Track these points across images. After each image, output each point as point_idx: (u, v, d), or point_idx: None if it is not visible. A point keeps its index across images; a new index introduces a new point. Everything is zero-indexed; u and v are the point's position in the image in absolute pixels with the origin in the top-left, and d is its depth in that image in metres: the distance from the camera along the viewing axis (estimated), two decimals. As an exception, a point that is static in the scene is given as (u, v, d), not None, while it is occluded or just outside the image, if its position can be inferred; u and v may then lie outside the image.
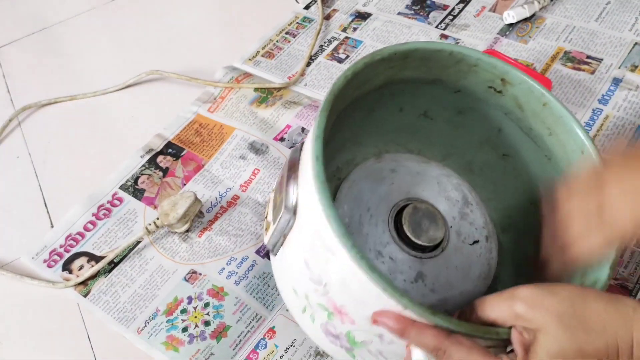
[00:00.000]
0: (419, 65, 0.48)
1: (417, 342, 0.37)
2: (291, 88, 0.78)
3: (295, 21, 0.88)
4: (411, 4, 0.87)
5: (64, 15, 0.95)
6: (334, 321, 0.41)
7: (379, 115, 0.53)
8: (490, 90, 0.50)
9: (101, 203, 0.68)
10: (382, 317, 0.37)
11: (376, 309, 0.37)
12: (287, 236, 0.42)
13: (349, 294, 0.38)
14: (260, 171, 0.69)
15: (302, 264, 0.41)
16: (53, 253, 0.65)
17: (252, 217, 0.65)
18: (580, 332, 0.36)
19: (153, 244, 0.64)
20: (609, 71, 0.73)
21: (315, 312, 0.42)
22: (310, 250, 0.40)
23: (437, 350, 0.36)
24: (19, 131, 0.79)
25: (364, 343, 0.40)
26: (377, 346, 0.40)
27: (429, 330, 0.36)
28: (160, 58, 0.85)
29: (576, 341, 0.36)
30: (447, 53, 0.47)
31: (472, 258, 0.53)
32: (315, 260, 0.40)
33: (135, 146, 0.74)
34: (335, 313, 0.40)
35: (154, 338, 0.57)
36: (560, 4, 0.83)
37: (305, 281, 0.41)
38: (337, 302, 0.40)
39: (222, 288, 0.59)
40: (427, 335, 0.36)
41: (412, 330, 0.37)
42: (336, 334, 0.41)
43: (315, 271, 0.40)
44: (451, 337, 0.36)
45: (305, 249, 0.41)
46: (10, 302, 0.62)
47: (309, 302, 0.42)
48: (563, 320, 0.36)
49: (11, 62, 0.90)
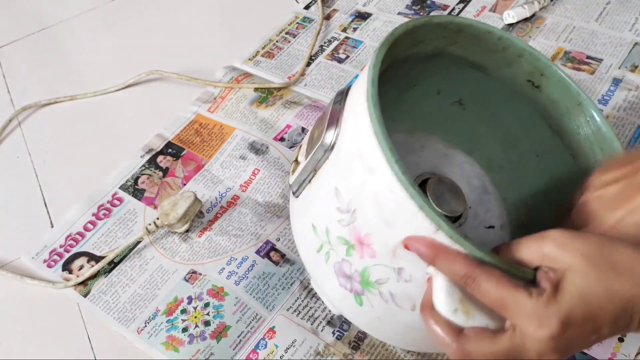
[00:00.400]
0: (468, 44, 0.48)
1: (447, 269, 0.36)
2: (291, 88, 0.78)
3: (295, 21, 0.88)
4: (411, 4, 0.87)
5: (64, 15, 0.95)
6: (352, 257, 0.40)
7: (416, 94, 0.53)
8: (528, 85, 0.50)
9: (101, 203, 0.68)
10: (414, 242, 0.36)
11: (406, 233, 0.37)
12: (317, 170, 0.43)
13: (380, 217, 0.38)
14: (260, 171, 0.69)
15: (331, 193, 0.41)
16: (53, 253, 0.65)
17: (252, 217, 0.65)
18: (608, 272, 0.35)
19: (153, 244, 0.64)
20: (609, 71, 0.73)
21: (332, 248, 0.42)
22: (345, 176, 0.40)
23: (467, 277, 0.35)
24: (19, 131, 0.79)
25: (378, 283, 0.40)
26: (391, 286, 0.39)
27: (461, 257, 0.36)
28: (160, 58, 0.85)
29: (604, 279, 0.35)
30: (496, 37, 0.48)
31: (485, 240, 0.53)
32: (348, 185, 0.40)
33: (135, 146, 0.74)
34: (357, 245, 0.40)
35: (154, 338, 0.57)
36: (560, 4, 0.83)
37: (330, 212, 0.41)
38: (361, 231, 0.39)
39: (222, 288, 0.59)
40: (459, 263, 0.35)
41: (444, 256, 0.36)
42: (349, 274, 0.41)
43: (346, 198, 0.40)
44: (482, 266, 0.36)
45: (339, 177, 0.41)
46: (10, 302, 0.62)
47: (328, 238, 0.42)
48: (591, 260, 0.36)
49: (11, 62, 0.90)
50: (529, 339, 0.35)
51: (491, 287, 0.35)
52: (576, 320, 0.35)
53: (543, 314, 0.35)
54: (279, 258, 0.61)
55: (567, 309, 0.35)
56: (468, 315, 0.37)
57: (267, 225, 0.64)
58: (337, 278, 0.42)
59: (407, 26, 0.44)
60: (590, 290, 0.35)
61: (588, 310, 0.35)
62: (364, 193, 0.39)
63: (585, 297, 0.35)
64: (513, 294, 0.35)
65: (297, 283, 0.59)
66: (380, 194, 0.37)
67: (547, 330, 0.35)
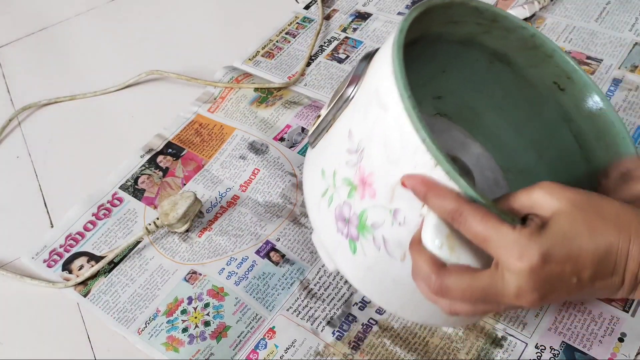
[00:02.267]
0: (501, 37, 0.49)
1: (437, 204, 0.37)
2: (291, 88, 0.78)
3: (295, 21, 0.88)
4: (411, 4, 0.87)
5: (64, 15, 0.95)
6: (353, 198, 0.42)
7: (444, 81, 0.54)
8: (554, 86, 0.50)
9: (101, 203, 0.68)
10: (410, 178, 0.37)
11: (407, 171, 0.38)
12: (336, 119, 0.45)
13: (385, 155, 0.39)
14: (260, 171, 0.69)
15: (344, 136, 0.43)
16: (53, 253, 0.65)
17: (252, 217, 0.65)
18: (593, 216, 0.36)
19: (153, 244, 0.64)
20: (608, 72, 0.73)
21: (335, 191, 0.43)
22: (360, 118, 0.42)
23: (455, 212, 0.36)
24: (19, 131, 0.79)
25: (374, 226, 0.41)
26: (385, 230, 0.40)
27: (451, 193, 0.36)
28: (160, 58, 0.85)
29: (589, 221, 0.36)
30: (529, 34, 0.48)
31: None
32: (361, 126, 0.41)
33: (135, 146, 0.74)
34: (359, 186, 0.41)
35: (155, 339, 0.57)
36: (560, 4, 0.83)
37: (340, 155, 0.43)
38: (365, 170, 0.40)
39: (222, 288, 0.59)
40: (448, 198, 0.36)
41: (436, 191, 0.36)
42: (348, 217, 0.42)
43: (357, 138, 0.41)
44: (471, 203, 0.36)
45: (354, 120, 0.43)
46: (10, 302, 0.62)
47: (334, 180, 0.43)
48: (578, 205, 0.36)
49: (11, 62, 0.90)
50: (508, 273, 0.35)
51: (476, 222, 0.36)
52: (557, 256, 0.35)
53: (524, 245, 0.35)
54: (279, 258, 0.61)
55: (549, 243, 0.35)
56: (452, 251, 0.37)
57: (267, 226, 0.64)
58: (336, 223, 0.43)
59: (443, 1, 0.44)
60: (574, 229, 0.35)
61: (570, 248, 0.35)
62: (374, 130, 0.40)
63: (568, 235, 0.35)
64: (497, 227, 0.35)
65: (297, 283, 0.59)
66: (389, 131, 0.39)
67: (527, 261, 0.35)
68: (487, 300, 0.37)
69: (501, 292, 0.36)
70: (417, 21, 0.42)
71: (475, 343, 0.53)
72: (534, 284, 0.35)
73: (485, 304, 0.38)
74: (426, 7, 0.42)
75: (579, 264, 0.35)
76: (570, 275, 0.35)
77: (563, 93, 0.50)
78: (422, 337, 0.54)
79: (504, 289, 0.36)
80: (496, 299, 0.37)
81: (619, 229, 0.36)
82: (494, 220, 0.36)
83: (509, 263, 0.35)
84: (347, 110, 0.44)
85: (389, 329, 0.55)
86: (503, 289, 0.36)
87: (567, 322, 0.54)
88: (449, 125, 0.57)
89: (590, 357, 0.52)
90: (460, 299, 0.37)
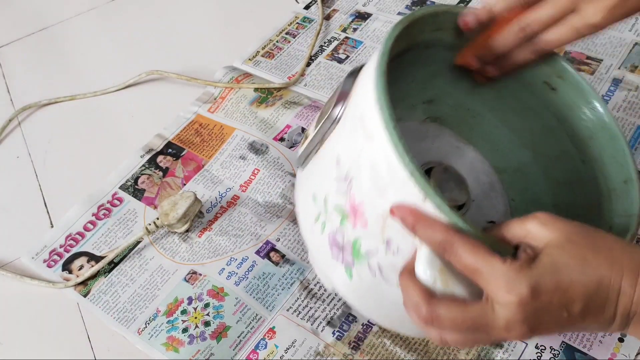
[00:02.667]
0: None
1: (426, 236, 0.36)
2: (291, 88, 0.78)
3: (295, 21, 0.88)
4: (411, 4, 0.87)
5: (64, 15, 0.95)
6: (345, 226, 0.41)
7: (436, 85, 0.54)
8: (544, 86, 0.50)
9: (101, 203, 0.68)
10: (399, 209, 0.37)
11: (397, 200, 0.37)
12: (324, 141, 0.44)
13: (374, 185, 0.39)
14: (260, 171, 0.69)
15: (332, 163, 0.42)
16: (53, 253, 0.65)
17: (252, 217, 0.65)
18: (586, 248, 0.36)
19: (153, 244, 0.64)
20: (608, 72, 0.73)
21: (328, 218, 0.43)
22: (346, 144, 0.41)
23: (445, 243, 0.36)
24: (19, 131, 0.79)
25: (368, 254, 0.40)
26: (379, 258, 0.40)
27: (440, 224, 0.36)
28: (160, 58, 0.85)
29: (581, 254, 0.35)
30: None
31: None
32: (348, 154, 0.41)
33: (135, 146, 0.74)
34: (350, 215, 0.40)
35: (155, 339, 0.57)
36: (560, 4, 0.83)
37: (329, 182, 0.42)
38: (356, 199, 0.40)
39: (222, 289, 0.59)
40: (437, 229, 0.36)
41: (424, 223, 0.36)
42: (342, 245, 0.42)
43: (345, 166, 0.41)
44: (460, 233, 0.36)
45: (341, 145, 0.42)
46: (10, 302, 0.62)
47: (326, 207, 0.43)
48: (571, 237, 0.36)
49: (11, 62, 0.90)
50: (498, 306, 0.35)
51: (466, 253, 0.35)
52: (546, 288, 0.35)
53: (513, 278, 0.35)
54: (279, 258, 0.61)
55: (538, 275, 0.35)
56: (446, 286, 0.37)
57: (267, 226, 0.64)
58: (331, 248, 0.43)
59: (428, 11, 0.44)
60: (565, 261, 0.35)
61: (559, 281, 0.35)
62: (361, 160, 0.40)
63: (558, 267, 0.35)
64: (488, 260, 0.35)
65: (297, 283, 0.59)
66: (376, 161, 0.38)
67: (516, 294, 0.34)
68: (477, 331, 0.37)
69: (491, 324, 0.36)
70: (403, 34, 0.42)
71: (475, 343, 0.53)
72: (523, 317, 0.35)
73: (475, 334, 0.37)
74: (410, 21, 0.42)
75: (569, 295, 0.35)
76: (559, 307, 0.35)
77: (555, 93, 0.50)
78: (422, 338, 0.54)
79: (494, 321, 0.36)
80: (486, 330, 0.36)
81: (611, 263, 0.35)
82: (484, 252, 0.35)
83: (498, 296, 0.35)
84: (335, 132, 0.43)
85: (389, 329, 0.55)
86: (493, 320, 0.36)
87: (567, 322, 0.54)
88: (441, 130, 0.57)
89: (590, 357, 0.52)
90: (450, 329, 0.37)
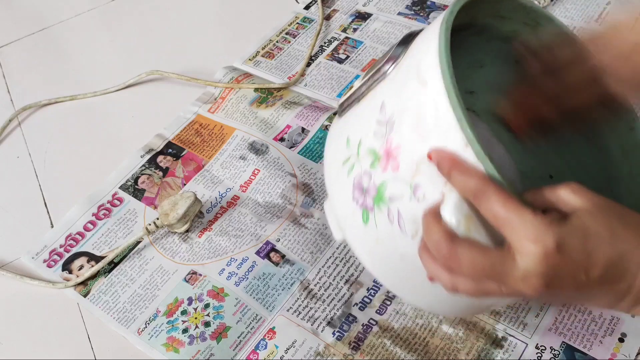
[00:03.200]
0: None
1: (461, 182, 0.36)
2: (291, 88, 0.78)
3: (295, 21, 0.88)
4: (411, 4, 0.87)
5: (64, 15, 0.95)
6: (375, 169, 0.42)
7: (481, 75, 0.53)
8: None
9: (101, 203, 0.68)
10: (438, 152, 0.37)
11: (438, 145, 0.38)
12: (370, 91, 0.45)
13: (416, 130, 0.39)
14: (260, 171, 0.69)
15: (376, 108, 0.43)
16: (53, 253, 0.65)
17: (252, 217, 0.65)
18: (617, 221, 0.36)
19: (153, 244, 0.64)
20: (609, 72, 0.73)
21: (357, 160, 0.43)
22: (396, 91, 0.42)
23: (478, 191, 0.36)
24: (19, 131, 0.79)
25: (391, 199, 0.41)
26: (402, 204, 0.40)
27: (477, 173, 0.36)
28: (160, 58, 0.85)
29: (611, 225, 0.35)
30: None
31: None
32: (396, 99, 0.41)
33: (135, 146, 0.74)
34: (383, 157, 0.41)
35: (155, 339, 0.57)
36: (561, 4, 0.83)
37: (368, 125, 0.43)
38: (393, 142, 0.40)
39: (222, 289, 0.59)
40: (474, 177, 0.36)
41: (461, 169, 0.36)
42: (366, 187, 0.42)
43: (389, 111, 0.41)
44: (495, 184, 0.36)
45: (389, 93, 0.42)
46: (10, 302, 0.62)
47: (358, 150, 0.43)
48: (603, 208, 0.36)
49: (11, 62, 0.90)
50: (520, 255, 0.35)
51: (498, 203, 0.35)
52: (572, 246, 0.35)
53: (542, 230, 0.35)
54: (279, 259, 0.61)
55: (566, 233, 0.35)
56: (469, 231, 0.37)
57: (267, 226, 0.64)
58: (353, 191, 0.43)
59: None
60: (594, 228, 0.35)
61: (586, 244, 0.35)
62: (409, 104, 0.40)
63: (587, 232, 0.35)
64: (519, 210, 0.35)
65: (297, 284, 0.59)
66: (425, 106, 0.39)
67: (541, 246, 0.34)
68: (492, 278, 0.37)
69: (508, 272, 0.36)
70: (465, 8, 0.41)
71: (475, 343, 0.53)
72: (542, 270, 0.35)
73: (488, 283, 0.37)
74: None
75: (591, 260, 0.35)
76: (579, 269, 0.35)
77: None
78: (423, 338, 0.54)
79: (512, 269, 0.36)
80: (501, 278, 0.36)
81: (638, 239, 0.35)
82: (516, 204, 0.35)
83: (523, 245, 0.35)
84: (382, 84, 0.44)
85: (389, 330, 0.55)
86: (511, 269, 0.36)
87: (567, 322, 0.54)
88: (476, 122, 0.56)
89: (590, 358, 0.52)
90: (467, 272, 0.37)
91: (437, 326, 0.55)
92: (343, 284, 0.58)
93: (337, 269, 0.59)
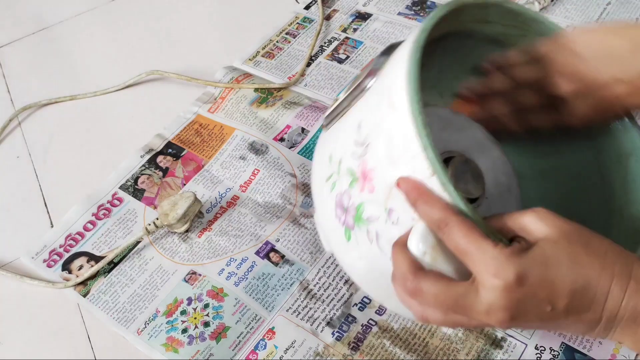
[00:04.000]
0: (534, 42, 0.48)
1: (425, 212, 0.37)
2: (291, 88, 0.78)
3: (295, 21, 0.88)
4: (411, 4, 0.87)
5: (64, 15, 0.95)
6: (353, 189, 0.42)
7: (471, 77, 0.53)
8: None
9: (101, 203, 0.68)
10: (405, 181, 0.38)
11: (406, 173, 0.38)
12: (351, 105, 0.45)
13: (387, 154, 0.39)
14: (260, 171, 0.69)
15: (354, 127, 0.43)
16: (53, 253, 0.65)
17: (251, 217, 0.65)
18: (580, 248, 0.36)
19: (153, 244, 0.64)
20: (609, 72, 0.73)
21: (339, 179, 0.44)
22: (370, 111, 0.42)
23: (441, 222, 0.36)
24: (19, 131, 0.79)
25: (369, 220, 0.41)
26: (379, 226, 0.41)
27: (440, 203, 0.36)
28: (160, 58, 0.85)
29: (573, 253, 0.35)
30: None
31: None
32: (370, 120, 0.42)
33: (135, 146, 0.74)
34: (360, 179, 0.41)
35: (154, 339, 0.57)
36: (561, 4, 0.83)
37: (347, 144, 0.43)
38: (368, 164, 0.41)
39: (222, 289, 0.59)
40: (436, 207, 0.36)
41: (425, 199, 0.37)
42: (347, 207, 0.43)
43: (364, 131, 0.42)
44: (458, 215, 0.36)
45: (365, 112, 0.43)
46: (10, 302, 0.62)
47: (339, 168, 0.44)
48: (566, 235, 0.36)
49: (11, 62, 0.90)
50: (482, 289, 0.35)
51: (460, 234, 0.36)
52: (533, 278, 0.35)
53: (502, 262, 0.35)
54: (279, 259, 0.61)
55: (527, 264, 0.35)
56: (435, 262, 0.38)
57: (266, 226, 0.64)
58: (335, 209, 0.44)
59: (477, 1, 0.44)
60: (556, 256, 0.35)
61: (547, 274, 0.35)
62: (382, 126, 0.40)
63: (549, 260, 0.35)
64: (480, 242, 0.35)
65: (296, 284, 0.59)
66: (394, 131, 0.39)
67: (502, 279, 0.34)
68: (458, 311, 0.37)
69: (472, 306, 0.36)
70: (446, 19, 0.41)
71: (475, 344, 0.53)
72: (505, 303, 0.35)
73: (455, 315, 0.37)
74: (456, 7, 0.42)
75: (555, 290, 0.35)
76: (543, 301, 0.35)
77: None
78: (422, 338, 0.54)
79: (476, 303, 0.36)
80: (466, 312, 0.36)
81: (602, 266, 0.35)
82: (477, 235, 0.36)
83: (484, 278, 0.35)
84: (361, 100, 0.44)
85: (388, 330, 0.55)
86: (475, 303, 0.36)
87: (566, 323, 0.54)
88: (470, 124, 0.56)
89: (590, 358, 0.52)
90: (432, 305, 0.37)
91: (436, 327, 0.55)
92: (342, 284, 0.58)
93: (337, 269, 0.59)
